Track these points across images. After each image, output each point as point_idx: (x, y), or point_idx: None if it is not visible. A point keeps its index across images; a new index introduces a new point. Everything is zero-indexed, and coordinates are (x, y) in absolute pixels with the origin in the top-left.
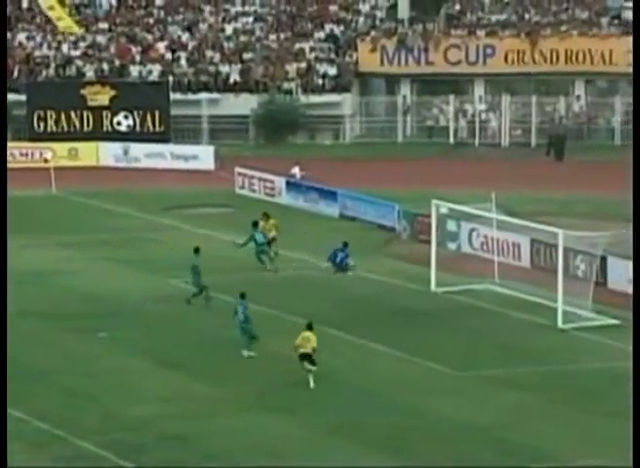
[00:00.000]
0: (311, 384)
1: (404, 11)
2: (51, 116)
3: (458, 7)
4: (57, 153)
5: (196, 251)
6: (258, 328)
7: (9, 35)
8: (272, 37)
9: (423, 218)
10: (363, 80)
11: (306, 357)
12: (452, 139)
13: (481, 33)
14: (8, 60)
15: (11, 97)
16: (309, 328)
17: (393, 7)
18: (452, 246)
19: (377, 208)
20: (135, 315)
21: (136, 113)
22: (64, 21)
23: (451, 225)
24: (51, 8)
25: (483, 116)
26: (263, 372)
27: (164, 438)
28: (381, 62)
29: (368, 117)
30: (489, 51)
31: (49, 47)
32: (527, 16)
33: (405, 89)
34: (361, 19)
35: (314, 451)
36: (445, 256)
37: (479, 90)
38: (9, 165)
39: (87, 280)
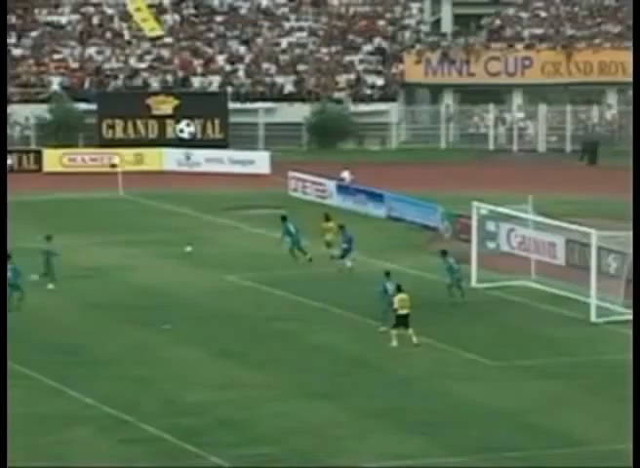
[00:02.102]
0: (414, 339)
1: (447, 25)
2: (119, 124)
3: (498, 22)
4: (124, 158)
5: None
6: (306, 320)
7: (80, 49)
8: (324, 50)
9: (464, 219)
10: (408, 90)
11: (404, 318)
12: (491, 146)
13: (519, 46)
14: (80, 73)
15: (82, 106)
16: (399, 289)
17: (437, 22)
18: (491, 245)
19: (421, 209)
20: (192, 308)
21: (197, 121)
22: (149, 23)
23: (490, 226)
24: (138, 9)
25: (521, 124)
26: (311, 361)
27: (220, 422)
28: (426, 74)
29: (413, 124)
30: (527, 62)
31: (117, 60)
32: (562, 30)
33: (448, 98)
34: (407, 34)
35: (357, 435)
36: (484, 255)
37: (517, 99)
38: (81, 169)
39: (149, 275)
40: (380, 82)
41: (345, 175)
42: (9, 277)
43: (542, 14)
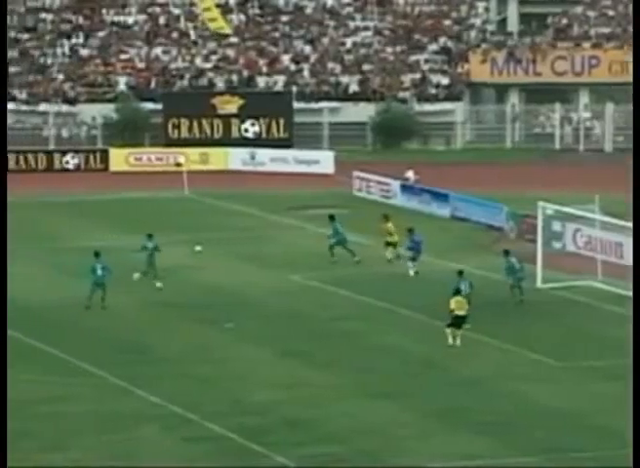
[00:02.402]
0: (457, 342)
1: (513, 24)
2: (184, 123)
3: (564, 21)
4: (189, 158)
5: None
6: (371, 320)
7: (147, 49)
8: (389, 50)
9: (530, 219)
10: (474, 89)
11: (460, 319)
12: (557, 145)
13: (586, 45)
14: (146, 72)
15: (148, 105)
16: (458, 293)
17: (503, 21)
18: (557, 245)
19: (486, 209)
20: (257, 307)
21: (262, 121)
22: (217, 23)
23: (556, 226)
24: (207, 9)
25: (587, 123)
26: (376, 361)
27: (285, 421)
28: (491, 73)
29: (478, 124)
30: (594, 62)
31: (183, 60)
32: (630, 28)
33: (514, 98)
34: (473, 33)
35: (422, 435)
36: (550, 255)
37: (584, 98)
38: (147, 168)
39: (214, 274)
40: (445, 81)
41: (410, 174)
42: (98, 275)
43: (610, 12)
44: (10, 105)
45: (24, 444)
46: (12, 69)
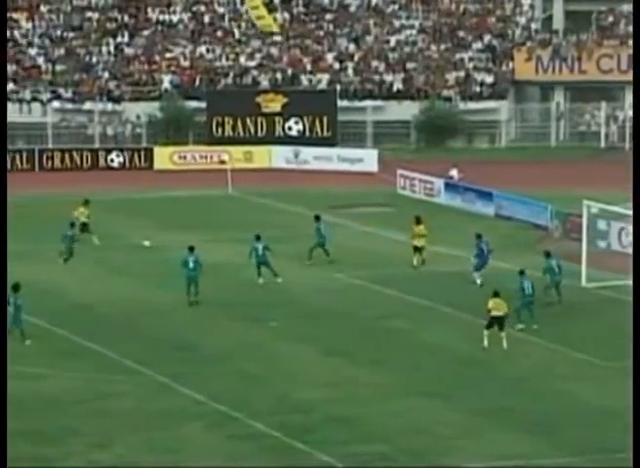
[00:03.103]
0: (504, 344)
1: (559, 22)
2: (228, 122)
3: (610, 18)
4: (233, 156)
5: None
6: (416, 318)
7: (191, 47)
8: (433, 48)
9: (575, 218)
10: (518, 88)
11: (498, 320)
12: (603, 144)
13: (632, 43)
14: (190, 71)
15: (192, 104)
16: (496, 294)
17: (548, 19)
18: (602, 244)
19: (530, 208)
20: (301, 306)
21: (305, 119)
22: (264, 20)
23: (601, 224)
24: (254, 7)
25: (633, 122)
26: (421, 360)
27: (329, 419)
28: (536, 71)
29: (523, 122)
30: None
31: (227, 58)
32: None
33: (559, 96)
34: (517, 31)
35: (467, 434)
36: (595, 254)
37: (630, 97)
38: (191, 167)
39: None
40: (489, 79)
41: (454, 173)
42: (190, 268)
43: None
44: (55, 104)
45: (71, 440)
46: (58, 68)
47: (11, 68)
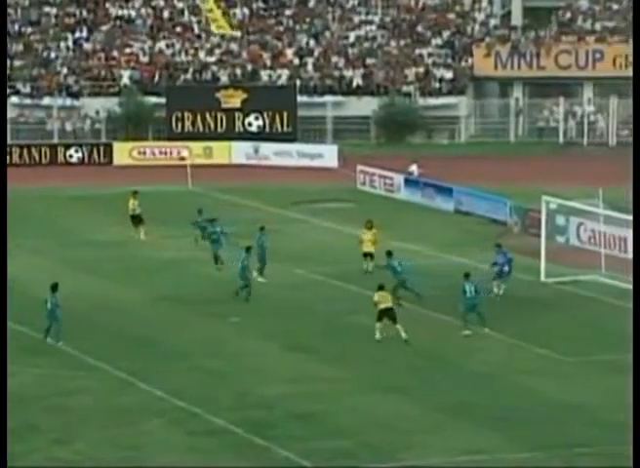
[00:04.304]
0: (403, 335)
1: (517, 18)
2: (188, 117)
3: (568, 15)
4: (193, 152)
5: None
6: (374, 314)
7: (150, 43)
8: (393, 44)
9: (534, 213)
10: (478, 83)
11: (387, 312)
12: (561, 139)
13: (590, 39)
14: (150, 66)
15: (152, 99)
16: (381, 288)
17: (507, 15)
18: (560, 239)
19: (490, 203)
20: (263, 301)
21: (265, 114)
22: (219, 22)
23: (560, 220)
24: (209, 10)
25: (591, 117)
26: (383, 356)
27: (291, 415)
28: (495, 67)
29: (482, 118)
30: (598, 56)
31: (187, 54)
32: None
33: (517, 92)
34: (476, 27)
35: (429, 429)
36: (554, 249)
37: (588, 92)
38: (150, 162)
39: (219, 268)
40: (448, 75)
41: (414, 168)
42: (244, 265)
43: (614, 6)
44: (14, 99)
45: (31, 437)
46: (16, 63)
47: None
